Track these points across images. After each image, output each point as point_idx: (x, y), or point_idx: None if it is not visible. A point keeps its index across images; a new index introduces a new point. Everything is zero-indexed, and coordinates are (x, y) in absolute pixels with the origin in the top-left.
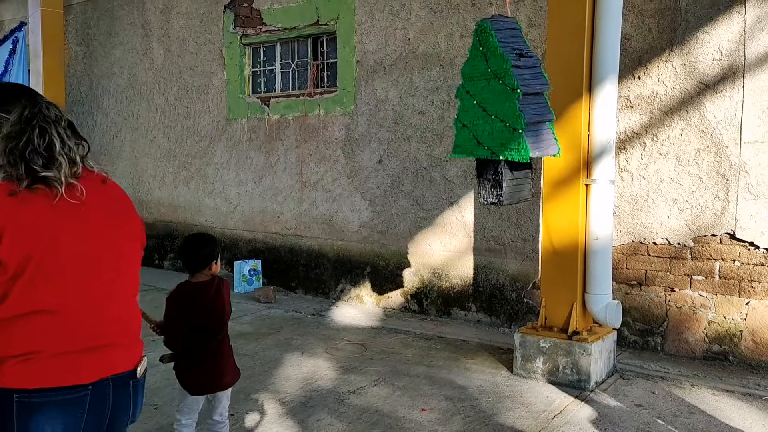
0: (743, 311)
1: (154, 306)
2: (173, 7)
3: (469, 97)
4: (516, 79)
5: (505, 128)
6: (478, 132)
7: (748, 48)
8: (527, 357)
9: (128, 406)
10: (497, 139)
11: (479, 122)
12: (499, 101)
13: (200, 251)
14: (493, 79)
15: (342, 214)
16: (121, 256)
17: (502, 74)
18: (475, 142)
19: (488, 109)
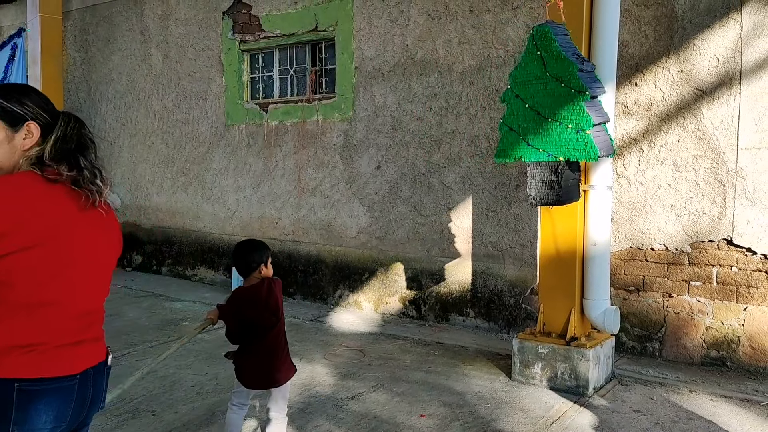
0: (741, 317)
1: (152, 312)
2: (172, 14)
3: (519, 101)
4: (584, 82)
5: (565, 130)
6: (529, 135)
7: (745, 54)
8: (525, 363)
9: (103, 393)
10: (556, 141)
11: (531, 125)
12: (559, 104)
13: (247, 257)
14: (551, 83)
15: (340, 220)
16: (110, 262)
17: (567, 78)
18: (524, 145)
19: (543, 112)
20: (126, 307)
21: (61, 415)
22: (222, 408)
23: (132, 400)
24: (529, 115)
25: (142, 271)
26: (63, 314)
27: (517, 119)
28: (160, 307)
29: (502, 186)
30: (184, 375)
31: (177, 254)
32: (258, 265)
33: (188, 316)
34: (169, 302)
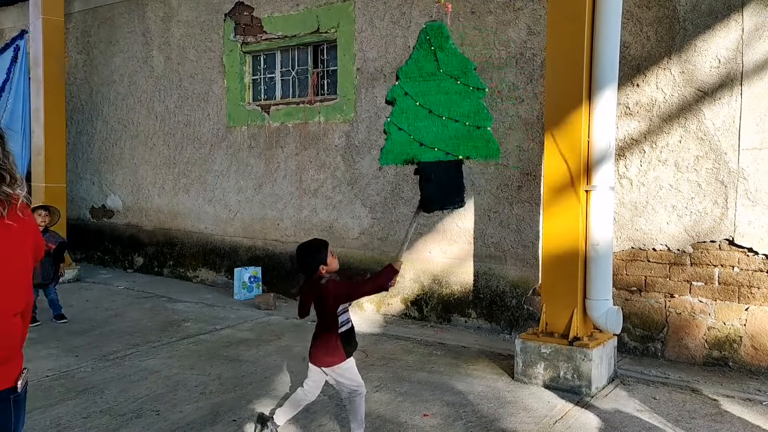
0: (743, 317)
1: (154, 313)
2: (174, 16)
3: (407, 99)
4: (480, 80)
5: (463, 127)
6: (421, 134)
7: (746, 56)
8: (528, 363)
9: (9, 424)
10: (452, 139)
11: (422, 124)
12: (454, 102)
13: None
14: (447, 80)
15: (342, 221)
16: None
17: (462, 74)
18: (417, 145)
19: (436, 110)
20: (128, 309)
21: None
22: (225, 408)
23: (136, 400)
24: (421, 113)
25: (143, 272)
26: None
27: (407, 118)
28: (162, 308)
29: (503, 187)
30: (188, 375)
31: (178, 256)
32: (317, 266)
33: (190, 317)
34: (171, 303)
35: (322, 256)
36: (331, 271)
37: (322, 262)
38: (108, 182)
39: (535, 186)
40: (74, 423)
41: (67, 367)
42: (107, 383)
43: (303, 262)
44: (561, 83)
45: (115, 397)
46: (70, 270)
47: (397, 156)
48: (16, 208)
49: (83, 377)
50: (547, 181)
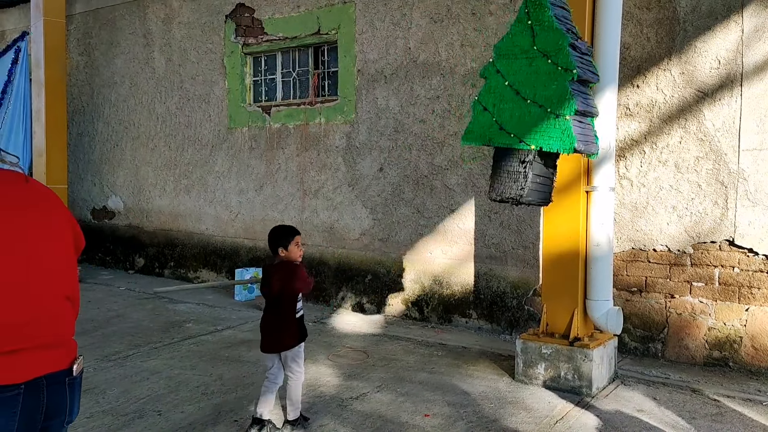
0: (743, 317)
1: (156, 314)
2: (175, 17)
3: (498, 77)
4: (573, 59)
5: (543, 114)
6: (503, 117)
7: (746, 57)
8: (529, 363)
9: (64, 405)
10: (529, 125)
11: (506, 106)
12: (541, 83)
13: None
14: (538, 58)
15: (343, 222)
16: (49, 256)
17: (555, 52)
18: (497, 128)
19: (522, 91)
20: (130, 309)
21: (2, 428)
22: (227, 408)
23: (138, 400)
24: (508, 94)
25: (144, 273)
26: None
27: (494, 98)
28: (164, 309)
29: None
30: (189, 376)
31: (179, 257)
32: (277, 248)
33: (192, 318)
34: (173, 304)
35: (286, 241)
36: (290, 258)
37: (283, 246)
38: (109, 183)
39: None
40: (77, 423)
41: None
42: (109, 384)
43: (269, 239)
44: None
45: (117, 398)
46: None
47: (478, 137)
48: None
49: (86, 377)
50: None
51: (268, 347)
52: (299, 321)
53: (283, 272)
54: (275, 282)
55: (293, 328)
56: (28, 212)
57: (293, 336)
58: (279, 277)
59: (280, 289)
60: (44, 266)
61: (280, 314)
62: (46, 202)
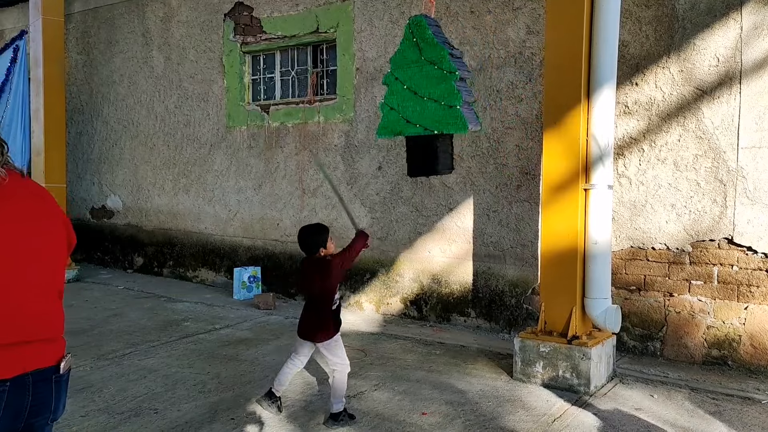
0: (742, 316)
1: (154, 313)
2: (174, 16)
3: (398, 83)
4: (453, 64)
5: (439, 107)
6: (407, 113)
7: (745, 54)
8: (527, 361)
9: (50, 402)
10: (430, 116)
11: (409, 104)
12: (432, 84)
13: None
14: (426, 65)
15: (342, 221)
16: (42, 253)
17: (439, 61)
18: (404, 122)
19: (419, 92)
20: (128, 308)
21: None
22: (224, 406)
23: (134, 399)
24: (407, 95)
25: (143, 272)
26: None
27: (397, 99)
28: (162, 308)
29: (503, 186)
30: (186, 374)
31: (178, 256)
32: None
33: (190, 316)
34: (171, 303)
35: (323, 239)
36: (329, 254)
37: (322, 245)
38: (108, 182)
39: (534, 185)
40: (73, 421)
41: None
42: (106, 382)
43: (305, 241)
44: (559, 82)
45: (113, 396)
46: (70, 270)
47: (389, 131)
48: None
49: (82, 376)
50: (546, 180)
51: (303, 334)
52: (335, 313)
53: (321, 268)
54: (317, 280)
55: (326, 320)
56: (24, 208)
57: (328, 327)
58: (318, 273)
59: (321, 286)
60: (38, 262)
61: (318, 308)
62: (40, 199)
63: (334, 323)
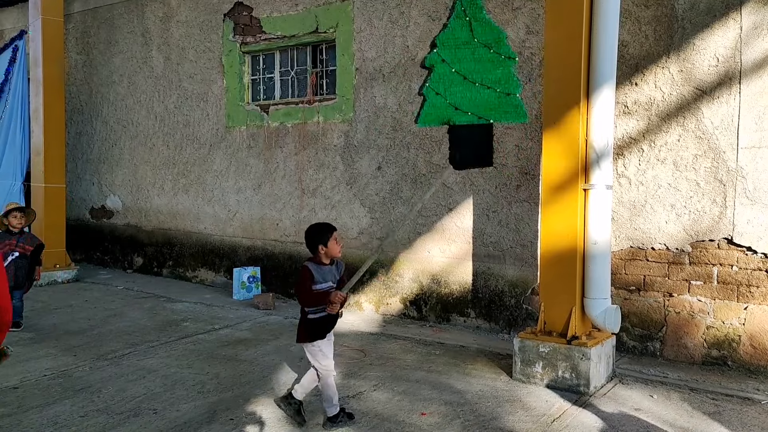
0: (741, 316)
1: (153, 313)
2: (173, 16)
3: (444, 65)
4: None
5: (494, 94)
6: (456, 99)
7: (745, 54)
8: (527, 362)
9: None
10: (484, 104)
11: (457, 89)
12: (487, 69)
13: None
14: (480, 48)
15: (341, 221)
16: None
17: (495, 43)
18: (452, 109)
19: (470, 77)
20: (127, 308)
21: None
22: (223, 407)
23: (133, 399)
24: (456, 79)
25: (143, 272)
26: None
27: (444, 83)
28: (162, 308)
29: (502, 186)
30: (186, 374)
31: (178, 256)
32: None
33: (189, 317)
34: (170, 303)
35: (324, 238)
36: (331, 254)
37: (323, 243)
38: (107, 183)
39: (534, 185)
40: (72, 421)
41: (65, 367)
42: (105, 382)
43: (307, 240)
44: (559, 82)
45: (112, 396)
46: (70, 270)
47: (434, 119)
48: None
49: (81, 376)
50: (546, 180)
51: None
52: (313, 321)
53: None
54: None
55: (302, 325)
56: None
57: (302, 333)
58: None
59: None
60: None
61: (301, 310)
62: None
63: (307, 330)
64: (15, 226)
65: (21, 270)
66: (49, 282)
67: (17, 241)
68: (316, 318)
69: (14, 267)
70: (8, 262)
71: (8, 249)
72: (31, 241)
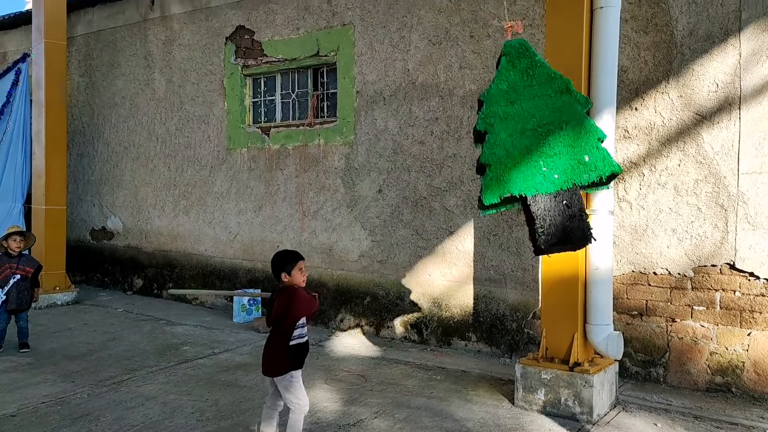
0: (745, 342)
1: (153, 336)
2: (176, 39)
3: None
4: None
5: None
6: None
7: (744, 80)
8: (529, 388)
9: None
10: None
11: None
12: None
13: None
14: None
15: (342, 244)
16: None
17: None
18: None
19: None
20: (126, 332)
21: None
22: None
23: (132, 427)
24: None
25: (143, 294)
26: None
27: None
28: (161, 332)
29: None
30: (185, 401)
31: (178, 278)
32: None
33: (189, 340)
34: (170, 326)
35: (289, 266)
36: (293, 283)
37: (286, 271)
38: (108, 204)
39: None
40: None
41: (63, 393)
42: (103, 410)
43: (272, 266)
44: None
45: (110, 425)
46: (69, 292)
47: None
48: None
49: (79, 404)
50: None
51: (263, 369)
52: (293, 349)
53: (284, 297)
54: (276, 307)
55: (283, 355)
56: None
57: (282, 363)
58: (280, 302)
59: (279, 314)
60: None
61: (275, 339)
62: None
63: (290, 359)
64: (14, 249)
65: (23, 292)
66: (49, 304)
67: (18, 263)
68: (297, 345)
69: (17, 290)
70: (10, 285)
71: (9, 272)
72: (31, 263)
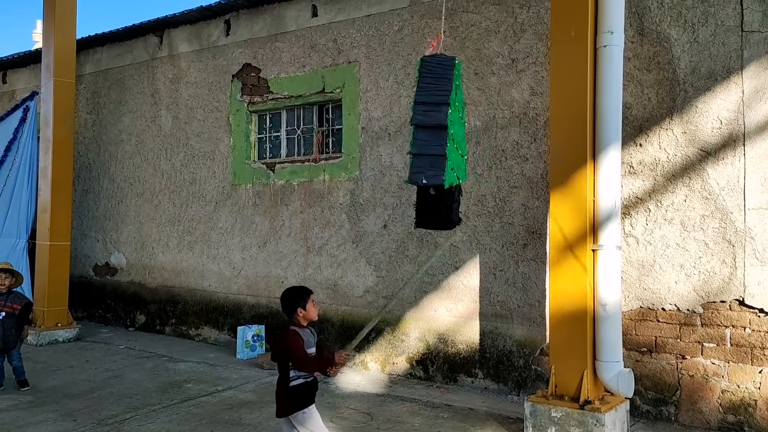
0: (757, 380)
1: (155, 374)
2: (183, 77)
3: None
4: None
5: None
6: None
7: (747, 117)
8: (538, 427)
9: None
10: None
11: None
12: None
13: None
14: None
15: (347, 279)
16: None
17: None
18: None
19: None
20: (128, 369)
21: None
22: None
23: None
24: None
25: (145, 330)
26: None
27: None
28: (164, 369)
29: (509, 245)
30: None
31: (181, 314)
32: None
33: (192, 377)
34: (173, 363)
35: (303, 301)
36: (309, 318)
37: (302, 306)
38: (112, 239)
39: (541, 244)
40: None
41: None
42: None
43: (285, 303)
44: (565, 143)
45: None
46: (71, 329)
47: None
48: None
49: None
50: (553, 239)
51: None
52: (292, 390)
53: (283, 339)
54: (277, 347)
55: (283, 396)
56: None
57: (282, 404)
58: (281, 343)
59: (279, 355)
60: None
61: (279, 379)
62: None
63: (290, 402)
64: (1, 285)
65: (9, 330)
66: (50, 341)
67: (5, 301)
68: (299, 384)
69: (2, 327)
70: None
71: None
72: (19, 300)
